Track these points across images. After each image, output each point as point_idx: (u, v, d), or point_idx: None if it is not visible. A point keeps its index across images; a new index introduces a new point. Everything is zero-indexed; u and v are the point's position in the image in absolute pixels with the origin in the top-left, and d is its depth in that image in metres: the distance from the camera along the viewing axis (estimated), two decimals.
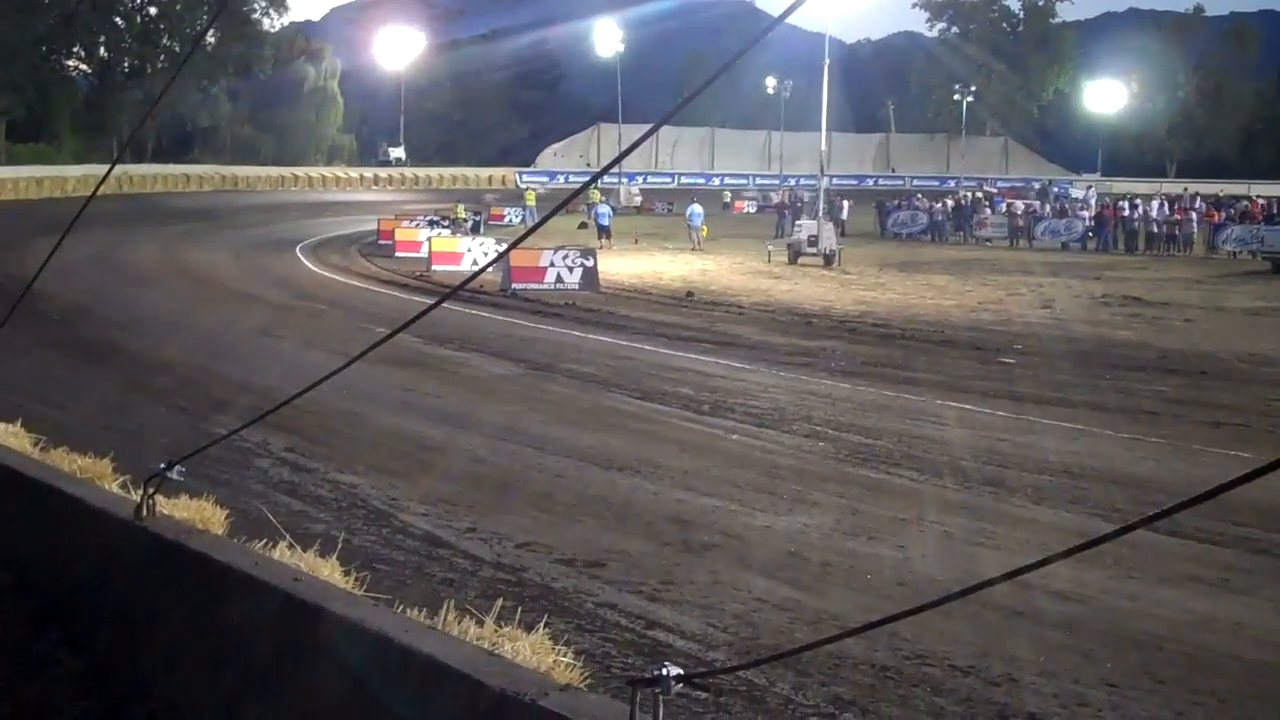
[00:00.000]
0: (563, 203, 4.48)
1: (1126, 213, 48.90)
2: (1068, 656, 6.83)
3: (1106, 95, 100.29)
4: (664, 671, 3.09)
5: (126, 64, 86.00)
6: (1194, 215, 47.62)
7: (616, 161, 4.09)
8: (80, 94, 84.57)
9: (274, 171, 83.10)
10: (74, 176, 62.09)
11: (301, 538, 5.63)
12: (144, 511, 5.11)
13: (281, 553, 5.12)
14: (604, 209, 47.02)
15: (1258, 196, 56.98)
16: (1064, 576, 7.71)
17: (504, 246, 23.72)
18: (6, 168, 65.62)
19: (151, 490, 5.12)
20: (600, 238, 42.85)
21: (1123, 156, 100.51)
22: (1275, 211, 46.30)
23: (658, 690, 3.08)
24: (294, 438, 11.82)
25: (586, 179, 4.18)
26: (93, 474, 6.51)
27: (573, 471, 11.19)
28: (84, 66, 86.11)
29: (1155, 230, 47.50)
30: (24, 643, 5.48)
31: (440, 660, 3.61)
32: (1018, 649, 6.83)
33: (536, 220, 46.36)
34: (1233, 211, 48.35)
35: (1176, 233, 46.72)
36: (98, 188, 7.38)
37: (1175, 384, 17.14)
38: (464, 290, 5.90)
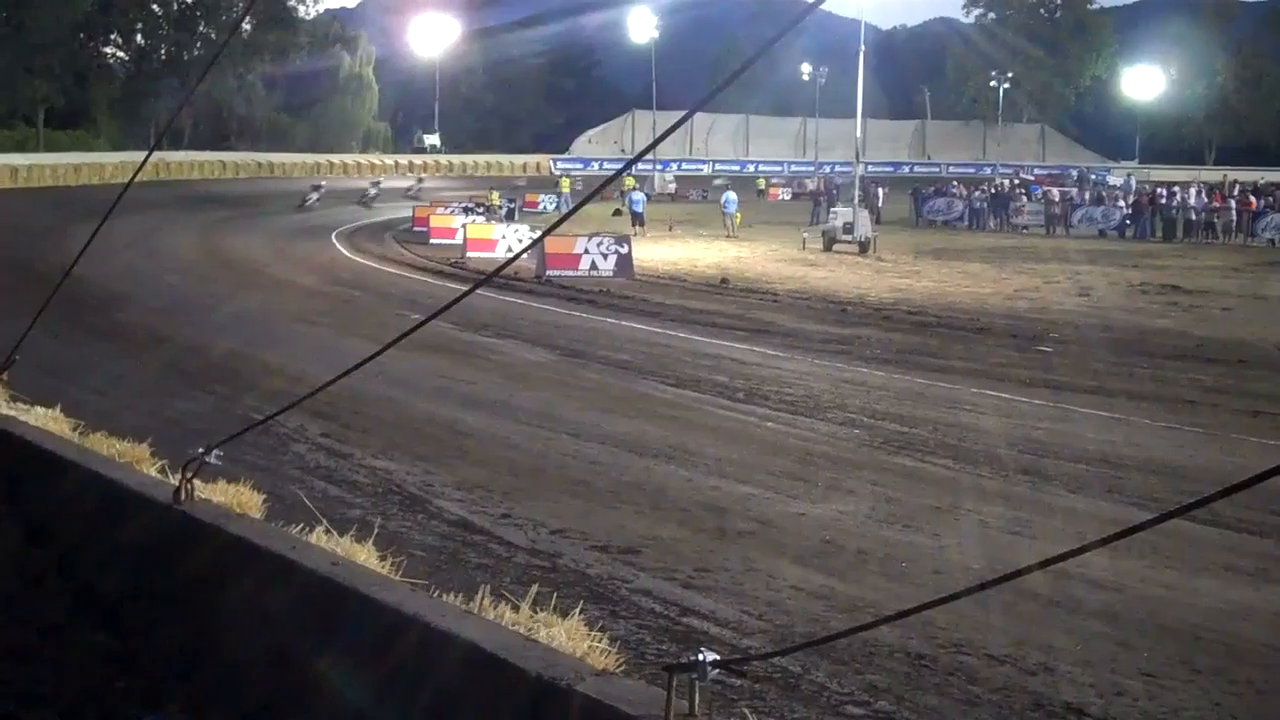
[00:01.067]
0: (597, 189, 4.47)
1: (1164, 200, 48.47)
2: (1104, 646, 6.80)
3: (1144, 82, 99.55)
4: (700, 657, 3.09)
5: (163, 51, 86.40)
6: (1232, 203, 47.15)
7: (650, 148, 4.08)
8: (117, 81, 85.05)
9: (309, 158, 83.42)
10: (111, 163, 62.56)
11: (338, 523, 5.64)
12: (183, 495, 5.15)
13: (318, 537, 5.14)
14: (638, 196, 47.04)
15: None
16: (1101, 565, 7.67)
17: (538, 233, 23.77)
18: (45, 154, 66.08)
19: (190, 474, 5.16)
20: (634, 224, 42.85)
21: (1160, 143, 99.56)
22: None
23: (694, 676, 3.09)
24: (330, 423, 11.88)
25: (621, 166, 4.15)
26: (131, 458, 6.54)
27: (607, 458, 11.20)
28: (121, 54, 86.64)
29: (1193, 218, 47.05)
30: (64, 624, 5.53)
31: (478, 644, 3.63)
32: (1054, 638, 6.80)
33: (571, 207, 46.51)
34: (1272, 199, 47.86)
35: (1215, 220, 46.27)
36: (135, 174, 7.40)
37: (1213, 373, 17.02)
38: (498, 277, 5.91)
